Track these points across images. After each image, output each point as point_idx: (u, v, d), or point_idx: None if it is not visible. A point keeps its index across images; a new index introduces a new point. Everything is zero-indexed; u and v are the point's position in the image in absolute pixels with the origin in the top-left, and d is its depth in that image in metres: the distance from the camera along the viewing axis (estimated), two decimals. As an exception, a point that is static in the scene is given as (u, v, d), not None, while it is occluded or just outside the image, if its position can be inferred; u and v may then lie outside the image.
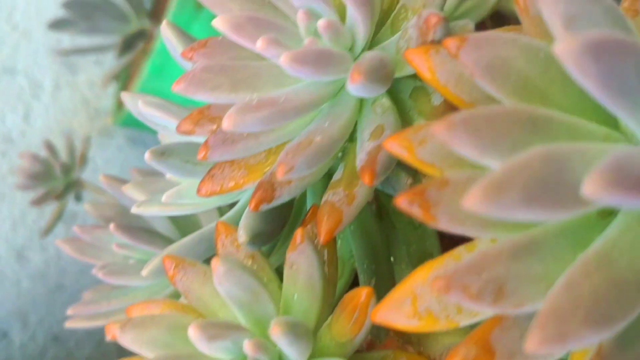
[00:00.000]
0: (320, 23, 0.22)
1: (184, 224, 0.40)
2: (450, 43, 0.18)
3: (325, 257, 0.27)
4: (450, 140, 0.16)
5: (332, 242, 0.28)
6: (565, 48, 0.14)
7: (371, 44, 0.25)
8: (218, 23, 0.22)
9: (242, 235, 0.24)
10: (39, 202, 0.60)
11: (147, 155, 0.25)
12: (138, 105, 0.28)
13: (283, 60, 0.20)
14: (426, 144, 0.19)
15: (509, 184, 0.15)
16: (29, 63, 0.86)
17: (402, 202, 0.18)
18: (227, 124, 0.21)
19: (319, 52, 0.21)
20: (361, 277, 0.32)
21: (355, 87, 0.20)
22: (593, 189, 0.13)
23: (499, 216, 0.15)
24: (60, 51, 0.81)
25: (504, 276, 0.17)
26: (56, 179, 0.61)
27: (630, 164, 0.14)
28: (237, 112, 0.21)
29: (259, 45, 0.21)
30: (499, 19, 0.39)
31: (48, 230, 0.63)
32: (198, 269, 0.24)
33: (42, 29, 0.77)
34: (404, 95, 0.25)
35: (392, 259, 0.34)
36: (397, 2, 0.25)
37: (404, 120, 0.25)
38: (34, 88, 0.85)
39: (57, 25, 0.74)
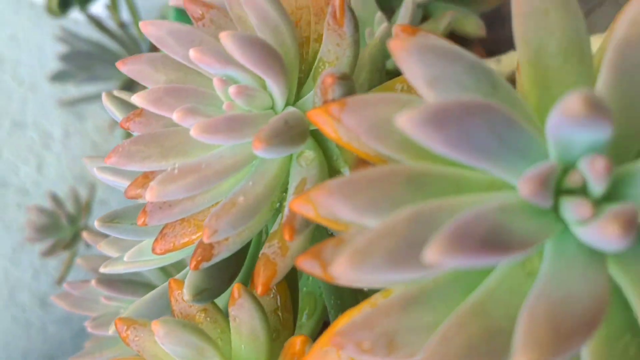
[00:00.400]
0: (231, 90, 0.23)
1: (170, 269, 0.42)
2: (332, 108, 0.19)
3: (279, 303, 0.28)
4: (330, 206, 0.17)
5: (284, 287, 0.29)
6: (406, 121, 0.15)
7: (296, 97, 0.26)
8: (136, 101, 0.23)
9: (186, 293, 0.25)
10: (48, 253, 0.62)
11: (96, 224, 0.27)
12: (94, 171, 0.30)
13: (193, 132, 0.21)
14: (326, 203, 0.20)
15: (373, 248, 0.16)
16: (37, 115, 0.89)
17: (302, 263, 0.19)
18: (149, 196, 0.22)
19: (229, 119, 0.22)
20: (331, 313, 0.33)
21: (260, 153, 0.21)
22: (432, 256, 0.14)
23: (367, 281, 0.16)
24: (65, 102, 0.84)
25: (394, 328, 0.17)
26: (63, 229, 0.64)
27: (473, 225, 0.15)
28: (159, 184, 0.22)
29: (175, 117, 0.22)
30: (455, 42, 0.40)
31: (62, 279, 0.65)
32: (150, 329, 0.25)
33: (48, 81, 0.81)
34: (331, 144, 0.26)
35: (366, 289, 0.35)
36: (317, 55, 0.26)
37: (331, 169, 0.25)
38: (45, 139, 0.88)
39: (58, 77, 0.77)
